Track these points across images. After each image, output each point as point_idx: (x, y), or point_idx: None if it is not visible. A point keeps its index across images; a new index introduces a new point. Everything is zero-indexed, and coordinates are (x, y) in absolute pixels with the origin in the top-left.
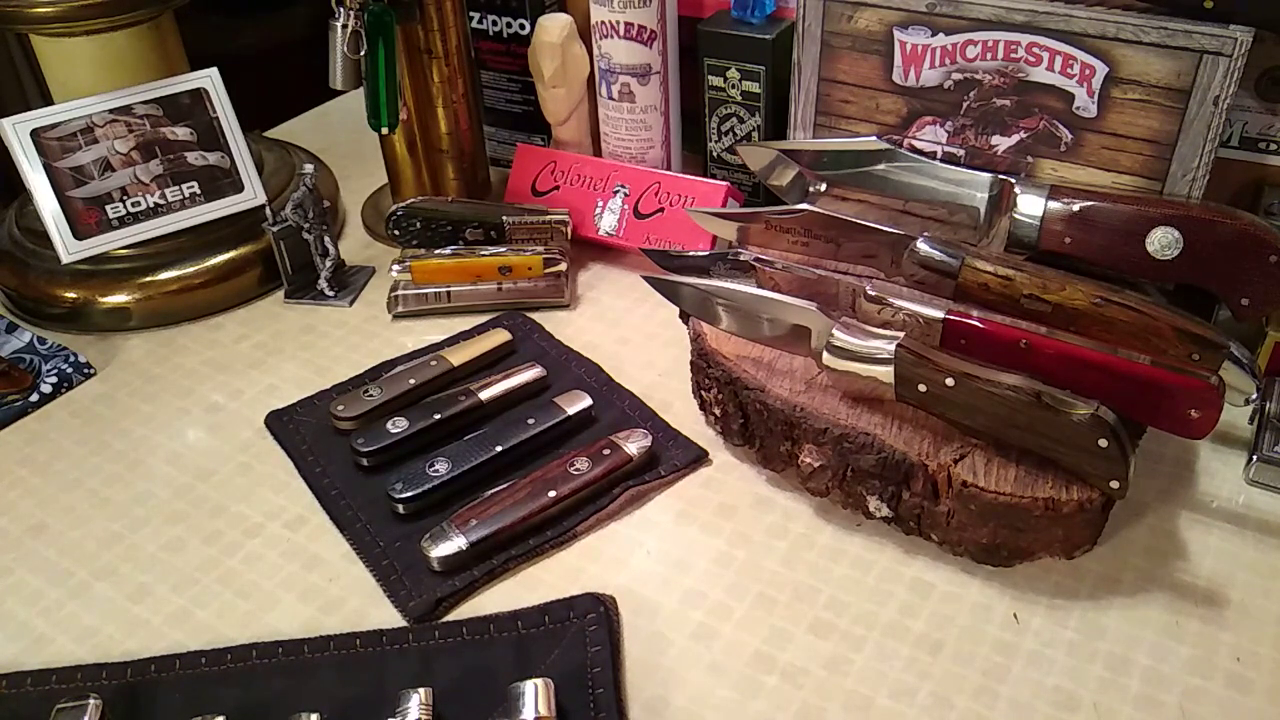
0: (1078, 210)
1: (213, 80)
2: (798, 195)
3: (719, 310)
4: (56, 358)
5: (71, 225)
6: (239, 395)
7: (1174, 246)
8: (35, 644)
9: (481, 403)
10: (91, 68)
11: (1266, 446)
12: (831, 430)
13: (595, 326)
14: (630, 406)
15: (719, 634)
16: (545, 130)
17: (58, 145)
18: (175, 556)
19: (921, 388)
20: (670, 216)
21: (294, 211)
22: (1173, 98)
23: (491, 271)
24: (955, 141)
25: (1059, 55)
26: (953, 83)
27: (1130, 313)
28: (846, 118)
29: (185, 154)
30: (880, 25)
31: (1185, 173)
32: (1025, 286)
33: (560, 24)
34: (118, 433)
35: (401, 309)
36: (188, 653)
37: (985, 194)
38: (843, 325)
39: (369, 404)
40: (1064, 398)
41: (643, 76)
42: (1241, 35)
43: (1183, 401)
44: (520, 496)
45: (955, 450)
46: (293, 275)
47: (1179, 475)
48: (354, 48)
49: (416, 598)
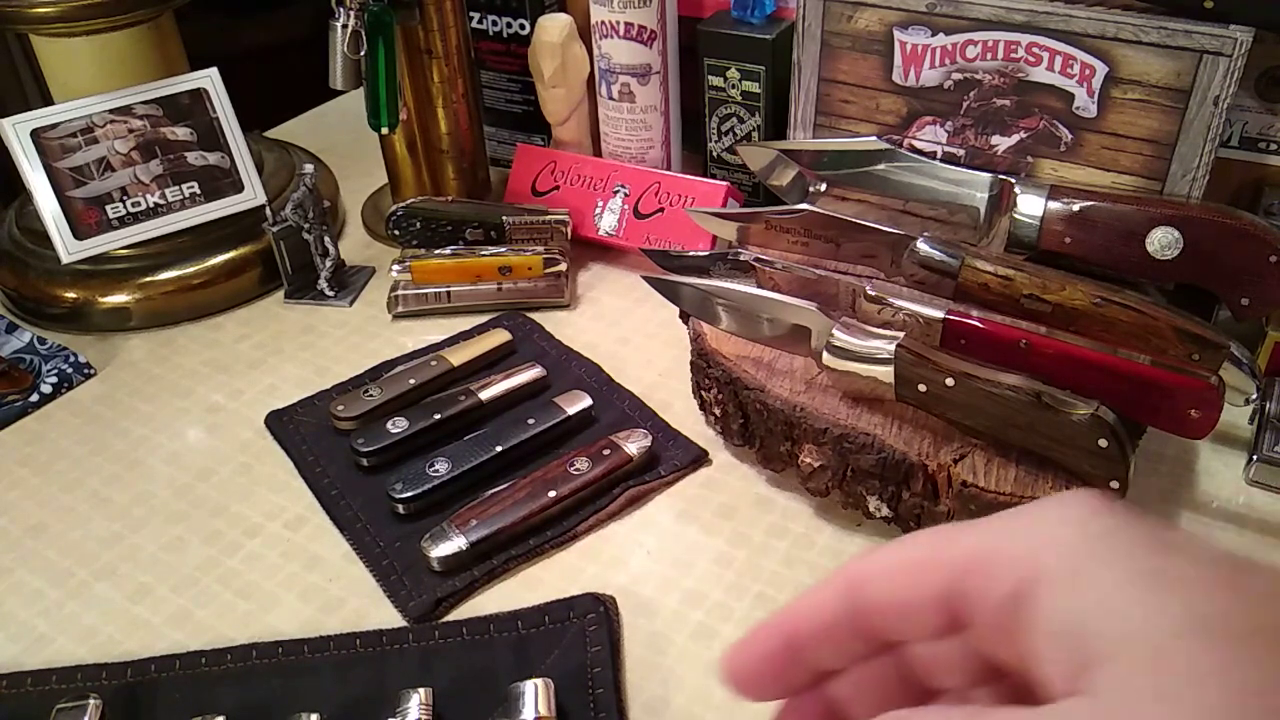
0: (1078, 210)
1: (213, 80)
2: (798, 195)
3: (719, 310)
4: (56, 358)
5: (71, 225)
6: (239, 395)
7: (1174, 246)
8: (35, 644)
9: (481, 403)
10: (91, 68)
11: (1266, 447)
12: (831, 430)
13: (595, 326)
14: (630, 406)
15: (719, 634)
16: (545, 130)
17: (58, 145)
18: (175, 556)
19: (921, 388)
20: (670, 216)
21: (294, 211)
22: (1173, 98)
23: (491, 271)
24: (955, 141)
25: (1059, 55)
26: (953, 83)
27: (1130, 313)
28: (846, 118)
29: (185, 154)
30: (880, 25)
31: (1185, 173)
32: (1025, 286)
33: (560, 24)
34: (118, 433)
35: (401, 309)
36: (188, 653)
37: (985, 194)
38: (843, 325)
39: (369, 404)
40: (1064, 398)
41: (643, 76)
42: (1241, 35)
43: (1183, 401)
44: (520, 496)
45: (955, 450)
46: (293, 275)
47: (1179, 475)
48: (354, 48)
49: (416, 598)
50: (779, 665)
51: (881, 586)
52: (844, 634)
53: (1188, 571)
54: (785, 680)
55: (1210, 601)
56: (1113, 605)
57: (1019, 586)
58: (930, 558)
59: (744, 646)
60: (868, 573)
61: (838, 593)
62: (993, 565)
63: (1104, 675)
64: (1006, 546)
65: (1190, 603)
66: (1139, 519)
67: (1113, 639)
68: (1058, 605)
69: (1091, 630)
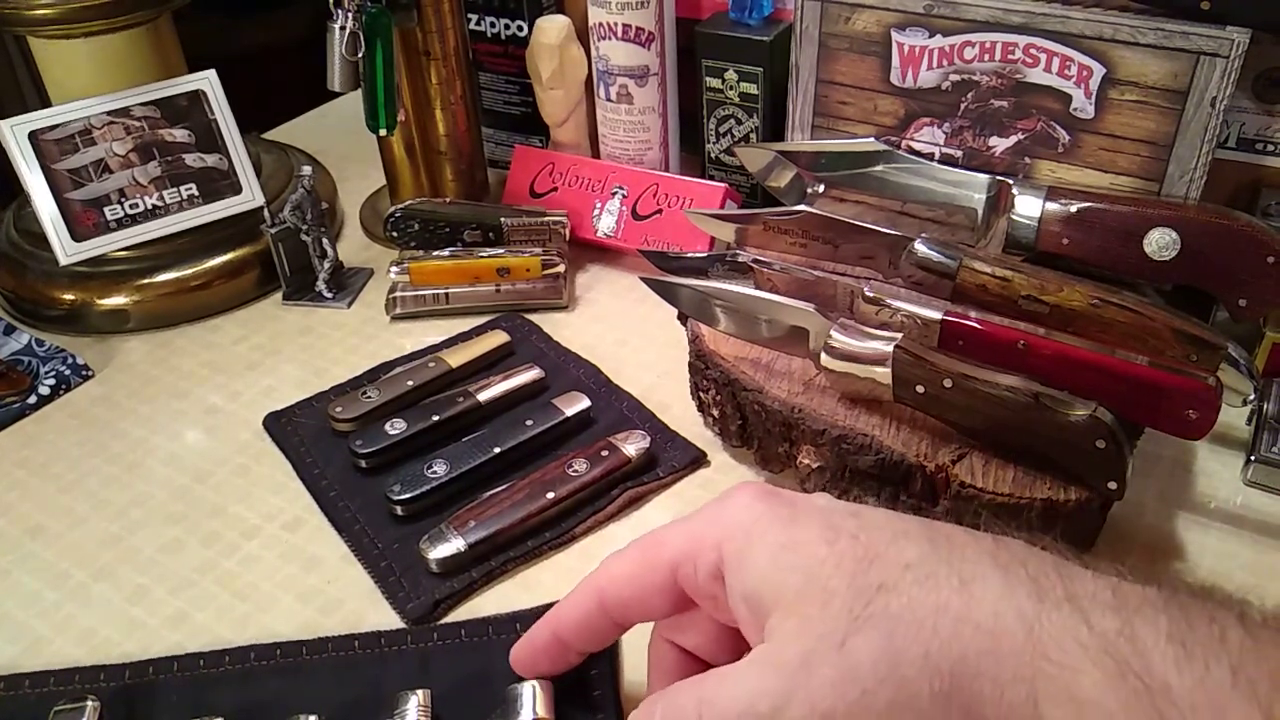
0: (1075, 211)
1: (211, 82)
2: (796, 196)
3: (717, 311)
4: (54, 359)
5: (69, 227)
6: (237, 397)
7: (1171, 247)
8: (33, 646)
9: (480, 404)
10: (89, 69)
11: (1264, 447)
12: (829, 431)
13: (593, 328)
14: (628, 408)
15: None
16: (543, 132)
17: (55, 147)
18: (173, 558)
19: (919, 389)
20: (668, 218)
21: (292, 213)
22: (1170, 99)
23: (490, 273)
24: (953, 143)
25: (1056, 56)
26: (950, 84)
27: (1128, 314)
28: (844, 119)
29: (183, 156)
30: (878, 27)
31: (1183, 174)
32: (1023, 287)
33: (558, 26)
34: (115, 434)
35: (400, 310)
36: (186, 654)
37: (983, 195)
38: (840, 326)
39: (367, 405)
40: (1062, 399)
41: (640, 78)
42: (1238, 36)
43: (1180, 402)
44: (519, 498)
45: (953, 451)
46: (291, 277)
47: (1177, 476)
48: (352, 49)
49: (415, 599)
50: (551, 652)
51: (619, 588)
52: (597, 624)
53: (807, 536)
54: (556, 661)
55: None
56: (766, 573)
57: (713, 570)
58: (649, 559)
59: (526, 640)
60: (607, 577)
61: (587, 596)
62: (694, 556)
63: (771, 624)
64: (700, 539)
65: (806, 566)
66: (779, 501)
67: (770, 598)
68: (737, 579)
69: (759, 594)
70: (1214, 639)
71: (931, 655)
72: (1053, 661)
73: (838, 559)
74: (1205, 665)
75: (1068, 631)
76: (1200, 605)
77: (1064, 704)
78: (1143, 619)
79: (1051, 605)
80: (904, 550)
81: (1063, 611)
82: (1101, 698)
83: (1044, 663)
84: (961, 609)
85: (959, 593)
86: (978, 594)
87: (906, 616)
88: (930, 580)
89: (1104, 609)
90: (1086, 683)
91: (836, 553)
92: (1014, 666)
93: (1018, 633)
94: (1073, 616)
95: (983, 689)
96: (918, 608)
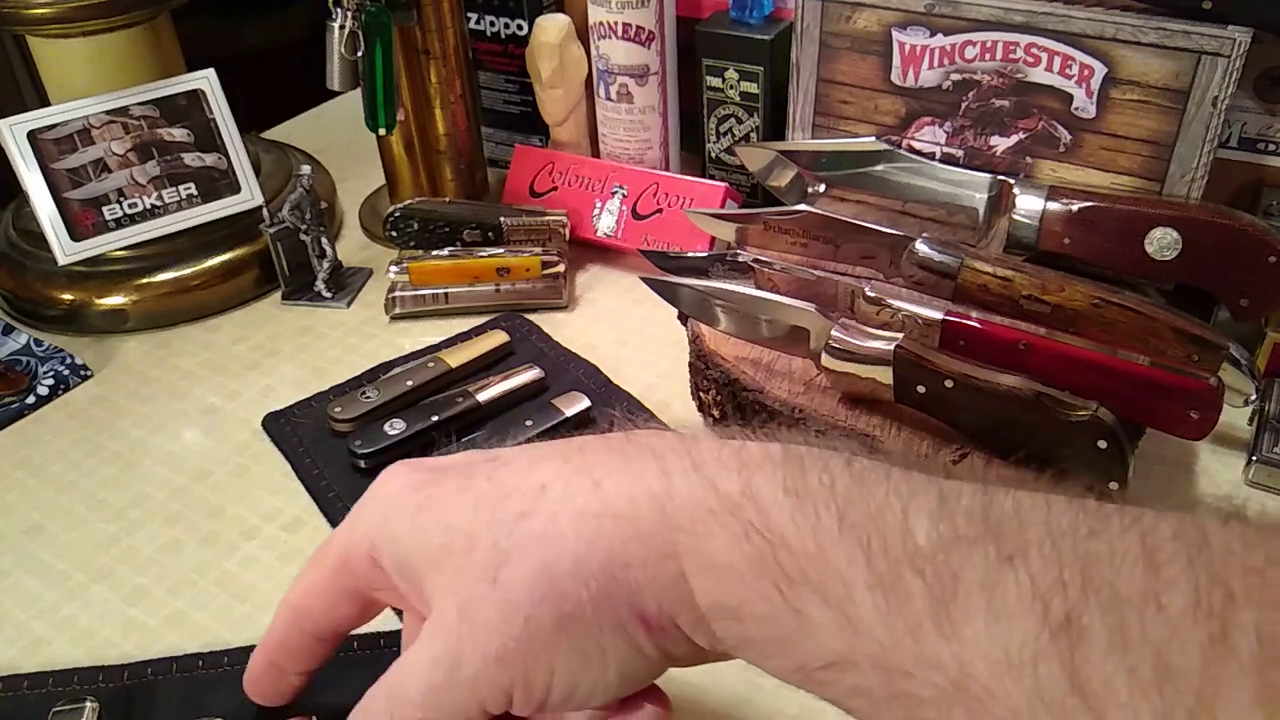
0: (1077, 211)
1: (210, 81)
2: (796, 196)
3: (717, 311)
4: (53, 359)
5: (68, 227)
6: (236, 397)
7: (1173, 247)
8: (32, 646)
9: (479, 404)
10: (88, 69)
11: (1266, 448)
12: (830, 431)
13: (593, 328)
14: (629, 408)
15: None
16: (543, 131)
17: (54, 146)
18: (172, 559)
19: (920, 389)
20: (668, 217)
21: (291, 213)
22: (1171, 98)
23: (489, 273)
24: (954, 142)
25: (1057, 56)
26: (951, 83)
27: (1129, 313)
28: (845, 118)
29: (182, 155)
30: (879, 26)
31: (1184, 173)
32: (1024, 287)
33: (558, 25)
34: (114, 435)
35: (399, 310)
36: (185, 655)
37: (984, 195)
38: (841, 326)
39: (366, 405)
40: (1063, 399)
41: (641, 77)
42: (1240, 36)
43: (1182, 402)
44: None
45: (954, 451)
46: (290, 277)
47: (1178, 476)
48: (351, 48)
49: None
50: (271, 676)
51: (308, 601)
52: (298, 643)
53: (441, 492)
54: (278, 685)
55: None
56: (409, 540)
57: (368, 557)
58: (324, 565)
59: (248, 667)
60: (296, 593)
61: (283, 616)
62: (349, 549)
63: (428, 588)
64: (351, 530)
65: (443, 521)
66: (418, 468)
67: (419, 562)
68: (388, 555)
69: (409, 562)
70: (824, 487)
71: (581, 558)
72: (688, 532)
73: (474, 504)
74: (816, 514)
75: (697, 500)
76: (815, 455)
77: (706, 572)
78: (763, 476)
79: (679, 478)
80: (540, 474)
81: (690, 481)
82: (731, 559)
83: (681, 535)
84: (599, 507)
85: (594, 493)
86: (610, 489)
87: (550, 532)
88: (567, 491)
89: (728, 472)
90: (717, 547)
91: (472, 498)
92: (657, 545)
93: (651, 514)
94: (700, 485)
95: (635, 577)
96: (559, 520)
